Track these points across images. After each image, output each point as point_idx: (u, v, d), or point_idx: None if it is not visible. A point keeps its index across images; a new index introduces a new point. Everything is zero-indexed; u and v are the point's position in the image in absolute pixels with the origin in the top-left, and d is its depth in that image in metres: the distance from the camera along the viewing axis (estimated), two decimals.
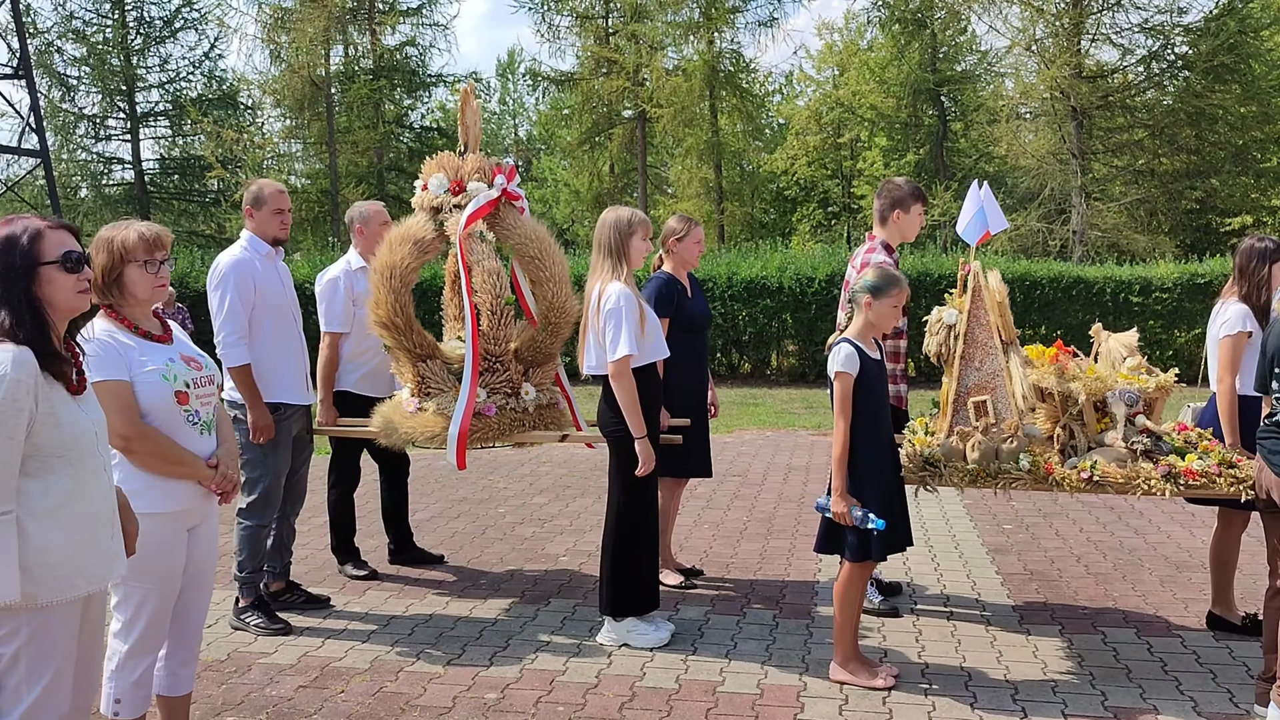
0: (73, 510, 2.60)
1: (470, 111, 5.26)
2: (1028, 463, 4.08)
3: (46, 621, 2.59)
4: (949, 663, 4.44)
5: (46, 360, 2.56)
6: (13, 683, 2.56)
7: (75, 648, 2.68)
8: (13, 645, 2.55)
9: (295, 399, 4.88)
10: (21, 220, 2.64)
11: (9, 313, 2.54)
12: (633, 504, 4.61)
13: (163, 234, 3.30)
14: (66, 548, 2.59)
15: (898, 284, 4.14)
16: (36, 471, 2.55)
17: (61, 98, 26.32)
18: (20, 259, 2.58)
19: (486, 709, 4.03)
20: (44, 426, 2.54)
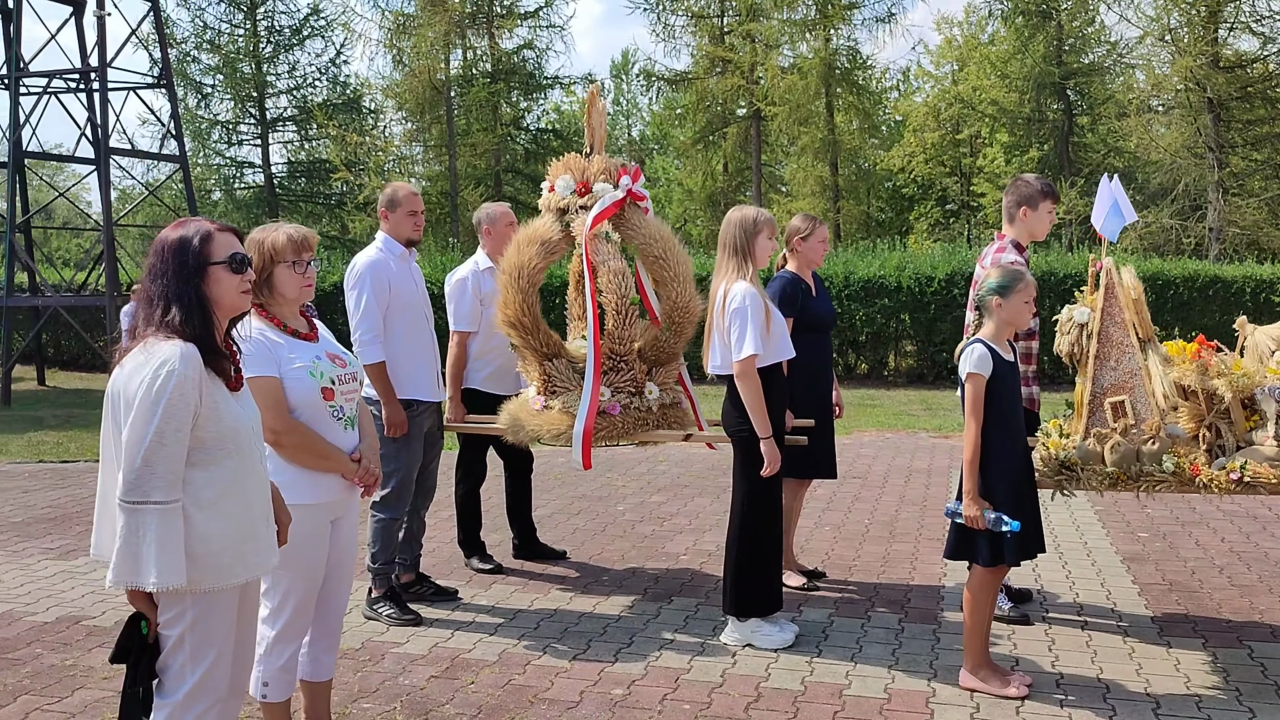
0: (233, 501, 2.72)
1: (596, 113, 5.32)
2: (1172, 464, 3.93)
3: (209, 607, 2.70)
4: (1085, 673, 4.31)
5: (210, 356, 2.67)
6: (177, 664, 2.69)
7: (234, 633, 2.80)
8: (178, 628, 2.68)
9: (427, 396, 5.00)
10: (193, 223, 2.76)
11: (179, 309, 2.66)
12: (757, 505, 4.59)
13: (309, 236, 3.42)
14: (227, 536, 2.70)
15: (1023, 280, 4.04)
16: (200, 463, 2.67)
17: (197, 105, 27.47)
18: (192, 259, 2.70)
19: (613, 704, 4.07)
20: (207, 420, 2.65)
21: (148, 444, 2.54)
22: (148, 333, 2.64)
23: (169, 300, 2.65)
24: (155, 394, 2.55)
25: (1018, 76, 27.14)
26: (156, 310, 2.65)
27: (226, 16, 27.88)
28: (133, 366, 2.60)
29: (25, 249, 17.65)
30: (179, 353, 2.59)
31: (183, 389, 2.57)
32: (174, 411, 2.56)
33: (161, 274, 2.69)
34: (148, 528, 2.54)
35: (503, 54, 27.77)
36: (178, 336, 2.62)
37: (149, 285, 2.69)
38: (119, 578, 2.56)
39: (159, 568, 2.54)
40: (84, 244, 34.61)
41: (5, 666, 4.52)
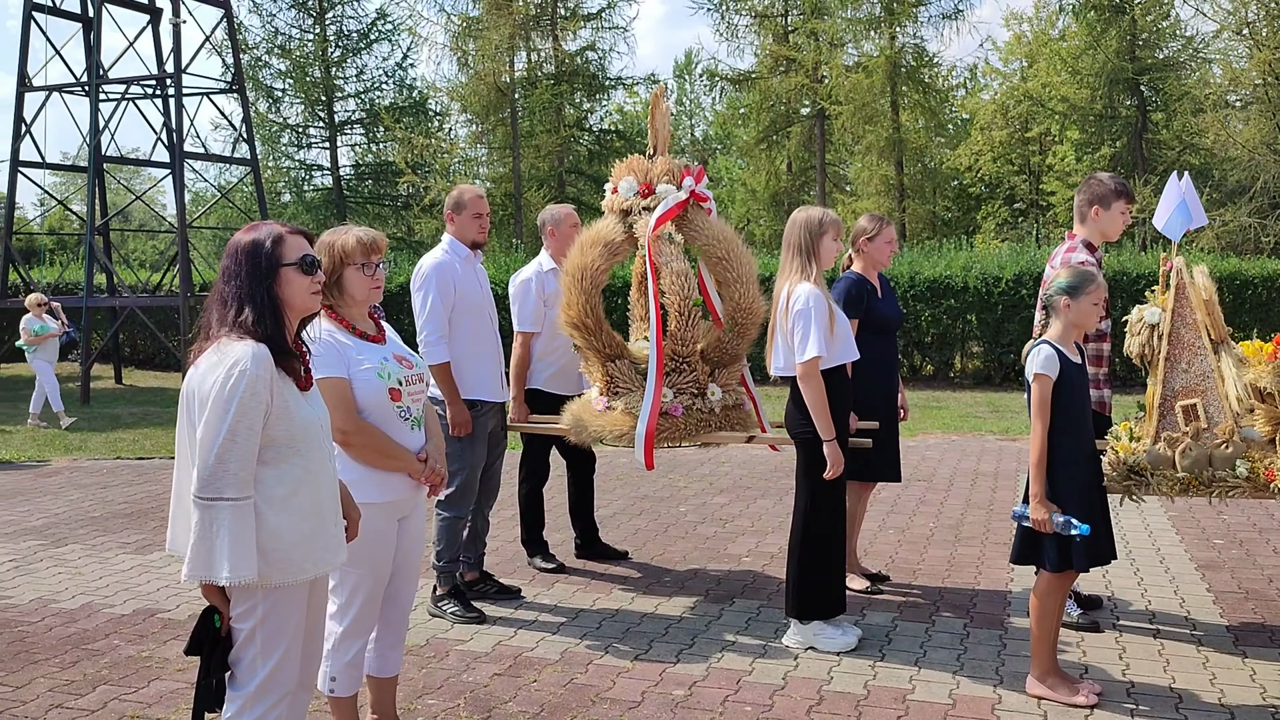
0: (302, 498, 2.77)
1: (660, 114, 5.33)
2: (1245, 469, 3.84)
3: (279, 602, 2.76)
4: (1157, 683, 4.23)
5: (281, 357, 2.73)
6: (249, 657, 2.75)
7: (303, 628, 2.86)
8: (249, 623, 2.74)
9: (491, 396, 5.05)
10: (265, 226, 2.82)
11: (252, 310, 2.72)
12: (820, 507, 4.57)
13: (378, 239, 3.48)
14: (297, 533, 2.76)
15: (1093, 281, 3.97)
16: (271, 461, 2.72)
17: (268, 109, 27.97)
18: (264, 261, 2.76)
19: (674, 705, 4.08)
20: (277, 419, 2.71)
21: (221, 442, 2.60)
22: (221, 333, 2.70)
23: (242, 301, 2.71)
24: (228, 393, 2.61)
25: (1089, 72, 26.61)
26: (230, 311, 2.71)
27: (296, 22, 28.35)
28: (207, 366, 2.67)
29: (104, 251, 18.13)
30: (251, 353, 2.65)
31: (255, 388, 2.63)
32: (246, 410, 2.62)
33: (235, 275, 2.75)
34: (221, 523, 2.60)
35: (566, 56, 27.90)
36: (250, 337, 2.68)
37: (223, 287, 2.75)
38: (194, 572, 2.62)
39: (231, 563, 2.60)
40: (159, 245, 35.46)
41: (85, 657, 4.65)
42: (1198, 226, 4.31)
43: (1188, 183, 4.31)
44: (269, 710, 2.77)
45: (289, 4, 28.10)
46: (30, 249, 29.36)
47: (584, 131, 29.74)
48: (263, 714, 2.76)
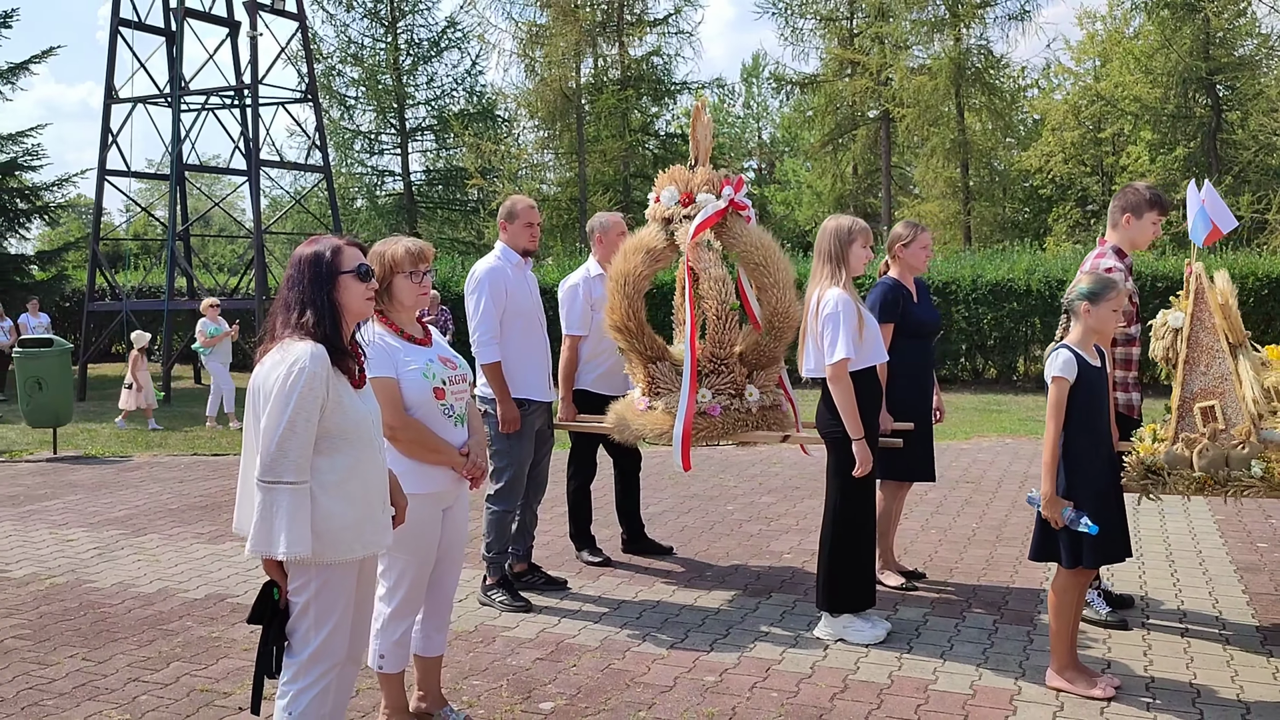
0: (353, 485, 3.06)
1: (701, 126, 5.54)
2: (1260, 469, 3.94)
3: (330, 578, 3.05)
4: (1177, 678, 4.33)
5: (337, 356, 3.02)
6: (303, 628, 3.04)
7: (352, 604, 3.14)
8: (304, 596, 3.03)
9: (538, 396, 5.30)
10: (325, 239, 3.13)
11: (313, 313, 3.02)
12: (849, 504, 4.75)
13: (426, 248, 3.76)
14: (347, 516, 3.04)
15: (1114, 288, 4.09)
16: (325, 450, 3.01)
17: (341, 116, 28.73)
18: (325, 269, 3.06)
19: (704, 690, 4.29)
20: (332, 412, 3.00)
21: (281, 431, 2.89)
22: (285, 334, 3.00)
23: (304, 305, 3.01)
24: (289, 388, 2.90)
25: (1162, 72, 26.19)
26: (293, 314, 3.01)
27: (369, 31, 29.08)
28: (270, 364, 2.97)
29: (184, 256, 18.84)
30: (310, 352, 2.94)
31: (312, 384, 2.92)
32: (304, 404, 2.91)
33: (298, 283, 3.05)
34: (280, 505, 2.89)
35: (632, 61, 28.20)
36: (310, 338, 2.97)
37: (287, 293, 3.05)
38: (255, 547, 2.92)
39: (288, 539, 2.89)
40: (238, 250, 36.55)
41: (160, 636, 5.01)
42: (1228, 229, 4.39)
43: (1209, 189, 4.40)
44: (321, 677, 3.06)
45: (362, 14, 28.86)
46: (116, 254, 30.45)
47: (650, 136, 30.02)
48: (315, 679, 3.05)
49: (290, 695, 3.05)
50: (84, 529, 7.23)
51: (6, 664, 4.67)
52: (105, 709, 4.18)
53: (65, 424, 10.80)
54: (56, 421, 10.52)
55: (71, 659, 4.72)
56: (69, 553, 6.58)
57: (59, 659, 4.72)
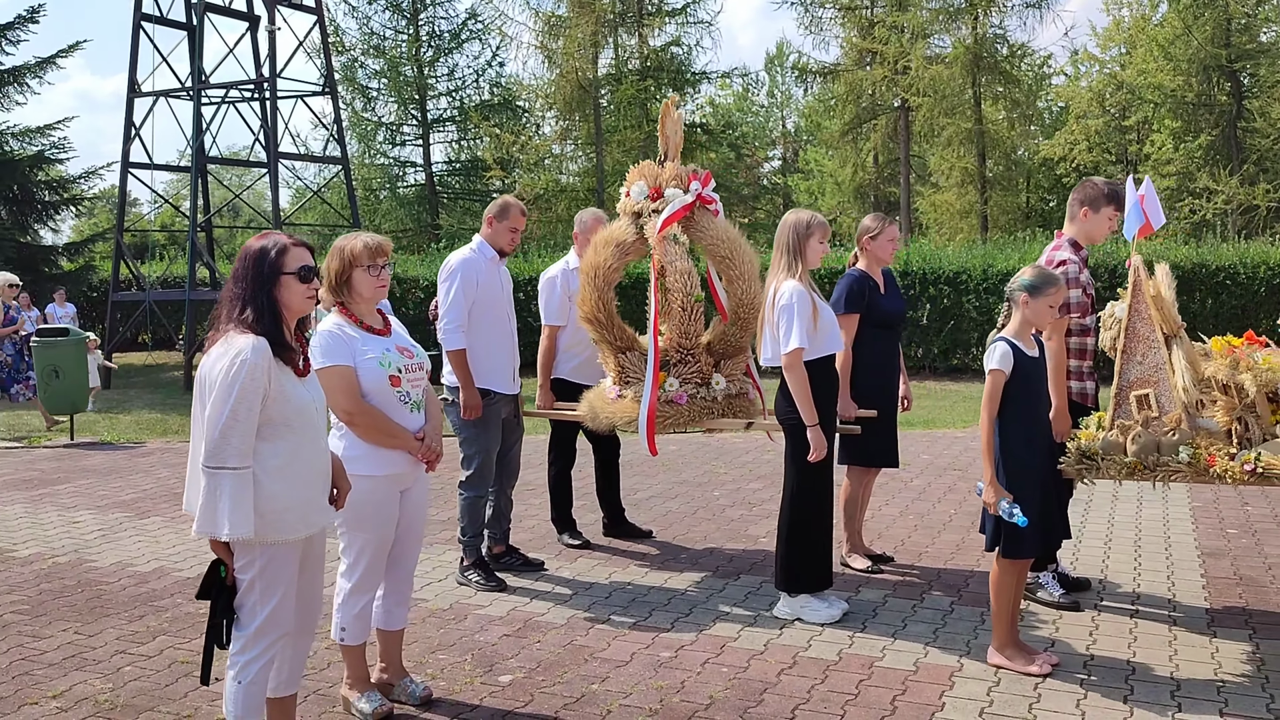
0: (295, 469, 3.26)
1: (671, 123, 5.71)
2: (1188, 455, 4.08)
3: (274, 556, 3.26)
4: (1116, 657, 4.48)
5: (278, 349, 3.22)
6: (250, 602, 3.26)
7: (297, 579, 3.35)
8: (250, 573, 3.25)
9: (502, 388, 5.49)
10: (274, 236, 3.33)
11: (253, 310, 3.22)
12: (806, 488, 4.92)
13: (384, 243, 3.96)
14: (290, 498, 3.25)
15: (1054, 284, 4.23)
16: (269, 437, 3.22)
17: (363, 108, 29.04)
18: (269, 268, 3.26)
19: (658, 665, 4.48)
20: (275, 401, 3.20)
21: (225, 420, 3.10)
22: (228, 328, 3.20)
23: (245, 302, 3.21)
24: (231, 379, 3.10)
25: (1184, 59, 26.00)
26: (236, 309, 3.21)
27: (391, 23, 29.36)
28: (215, 355, 3.18)
29: (206, 247, 19.20)
30: (251, 344, 3.14)
31: (254, 375, 3.12)
32: (246, 394, 3.11)
33: (242, 278, 3.25)
34: (224, 489, 3.11)
35: (651, 52, 28.31)
36: (251, 332, 3.17)
37: (232, 286, 3.25)
38: (201, 528, 3.14)
39: (232, 521, 3.11)
40: None
41: (150, 612, 5.26)
42: (1159, 226, 4.52)
43: (1147, 186, 4.52)
44: (268, 648, 3.29)
45: (384, 6, 29.12)
46: (143, 245, 30.95)
47: None
48: (262, 650, 3.28)
49: (240, 665, 3.27)
50: (91, 511, 7.51)
51: (3, 636, 4.94)
52: (90, 678, 4.43)
53: (81, 411, 11.11)
54: (73, 409, 10.84)
55: (64, 632, 4.98)
56: (74, 534, 6.86)
57: (53, 632, 4.98)
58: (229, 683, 3.29)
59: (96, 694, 4.26)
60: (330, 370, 3.78)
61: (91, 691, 4.29)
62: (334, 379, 3.78)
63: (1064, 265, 4.96)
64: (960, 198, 26.17)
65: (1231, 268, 15.12)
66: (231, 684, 3.28)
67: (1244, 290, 14.95)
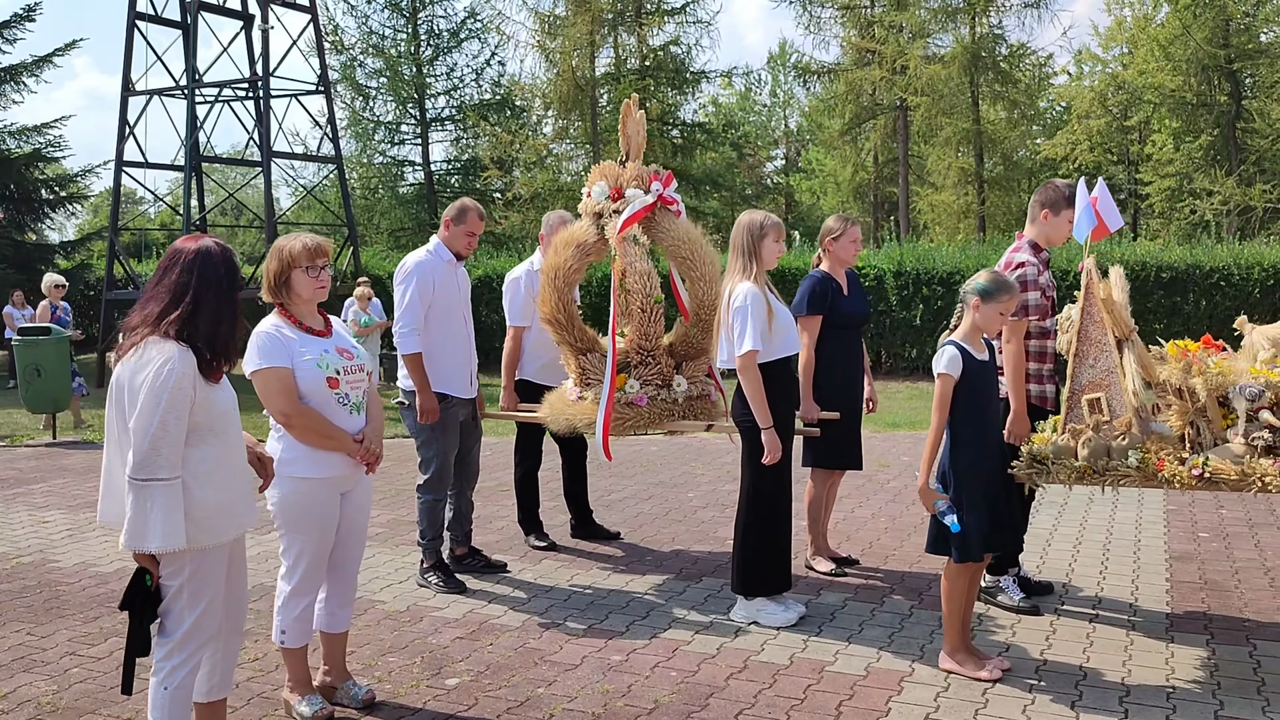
0: (221, 473, 3.24)
1: (632, 123, 5.68)
2: (1137, 459, 4.04)
3: (204, 561, 3.24)
4: (1070, 662, 4.44)
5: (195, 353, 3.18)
6: (177, 608, 3.24)
7: (224, 582, 3.33)
8: (178, 580, 3.22)
9: (459, 392, 5.45)
10: (206, 239, 3.29)
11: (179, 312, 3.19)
12: (762, 491, 4.89)
13: (323, 243, 3.93)
14: (218, 502, 3.23)
15: (1008, 291, 4.19)
16: (194, 443, 3.19)
17: (362, 107, 29.05)
18: (196, 276, 3.23)
19: (608, 669, 4.45)
20: (199, 407, 3.18)
21: (154, 431, 3.06)
22: (148, 332, 3.15)
23: (162, 302, 3.17)
24: (159, 388, 3.07)
25: (1182, 59, 25.91)
26: (152, 309, 3.17)
27: (390, 22, 29.35)
28: (136, 363, 3.12)
29: None
30: (177, 352, 3.11)
31: (181, 384, 3.09)
32: (175, 402, 3.08)
33: (163, 279, 3.21)
34: (155, 500, 3.07)
35: (650, 51, 28.28)
36: (175, 339, 3.14)
37: (154, 289, 3.21)
38: (130, 542, 3.11)
39: (164, 533, 3.08)
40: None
41: (106, 613, 5.24)
42: (1115, 229, 4.47)
43: (1101, 188, 4.48)
44: (195, 653, 3.27)
45: (382, 5, 29.10)
46: (140, 243, 30.98)
47: (671, 125, 30.06)
48: (189, 656, 3.26)
49: (166, 671, 3.25)
50: (61, 511, 7.50)
51: None
52: (37, 680, 4.41)
53: (63, 410, 11.10)
54: (55, 407, 10.84)
55: (17, 634, 4.97)
56: (41, 534, 6.85)
57: (5, 634, 4.97)
58: (154, 689, 3.27)
59: (39, 696, 4.25)
60: (267, 372, 3.76)
61: (35, 694, 4.27)
62: (271, 380, 3.75)
63: (1022, 268, 4.92)
64: (958, 198, 26.10)
65: (1225, 269, 15.08)
66: (157, 690, 3.26)
67: (1238, 291, 14.89)
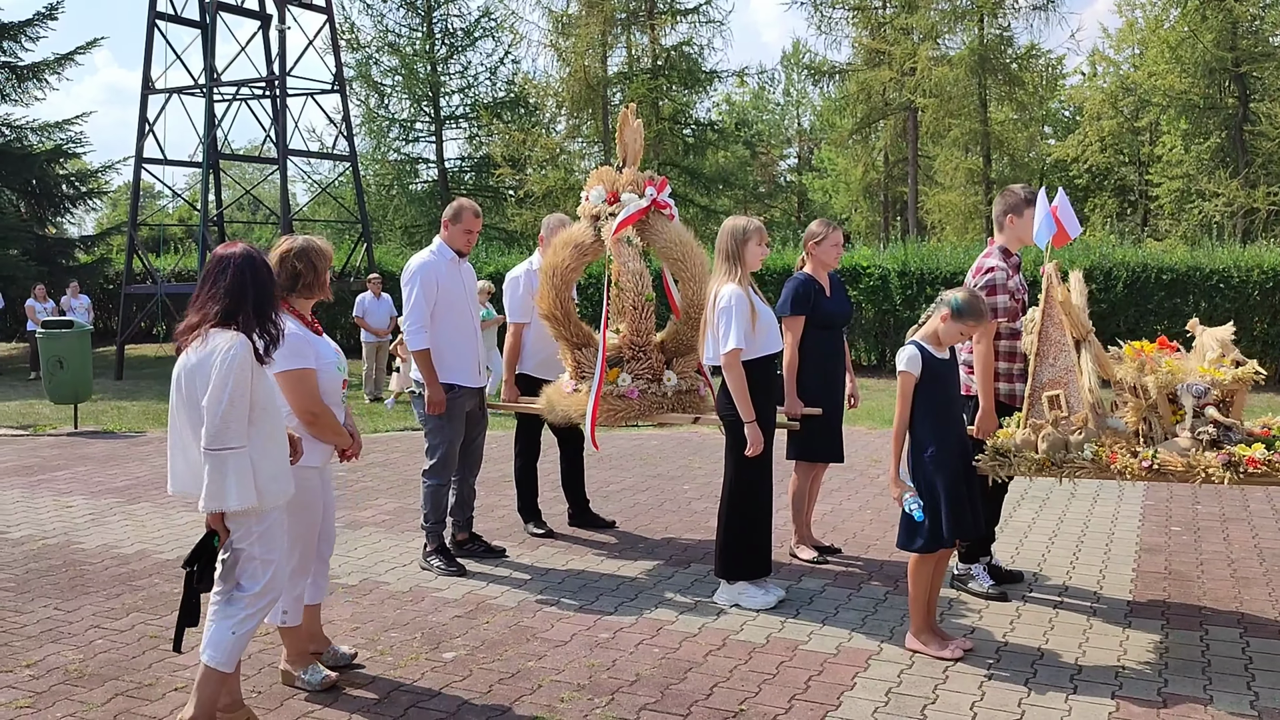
0: (271, 446, 3.68)
1: (629, 131, 5.98)
2: (1091, 453, 4.32)
3: (270, 524, 3.69)
4: (1029, 644, 4.72)
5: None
6: (251, 568, 3.69)
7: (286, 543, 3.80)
8: (247, 542, 3.66)
9: (466, 382, 5.77)
10: (242, 245, 3.68)
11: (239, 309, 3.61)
12: (744, 481, 5.18)
13: (325, 248, 4.27)
14: (272, 470, 3.65)
15: (977, 318, 4.43)
16: (252, 420, 3.59)
17: (377, 105, 29.43)
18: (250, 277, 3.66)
19: (596, 644, 4.76)
20: (255, 389, 3.59)
21: (224, 407, 3.49)
22: (209, 326, 3.57)
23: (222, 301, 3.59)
24: (225, 371, 3.49)
25: (1190, 61, 26.04)
26: (213, 308, 3.60)
27: (405, 20, 29.73)
28: (202, 351, 3.54)
29: (218, 241, 19.61)
30: (239, 340, 3.55)
31: (243, 366, 3.51)
32: (239, 382, 3.51)
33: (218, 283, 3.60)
34: (229, 466, 3.51)
35: (663, 50, 28.54)
36: (234, 328, 3.57)
37: (209, 290, 3.60)
38: (209, 503, 3.55)
39: (239, 494, 3.53)
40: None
41: (127, 591, 5.58)
42: (1075, 235, 4.74)
43: (1061, 197, 4.75)
44: (264, 607, 3.75)
45: (398, 3, 29.48)
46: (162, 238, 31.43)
47: (683, 125, 30.32)
48: (260, 609, 3.74)
49: (238, 619, 3.67)
50: (84, 497, 7.85)
51: None
52: (64, 650, 4.74)
53: (85, 400, 11.47)
54: (76, 398, 11.20)
55: (45, 609, 5.30)
56: (65, 517, 7.20)
57: (34, 608, 5.30)
58: (220, 630, 3.67)
59: (67, 664, 4.57)
60: (299, 372, 4.06)
61: (63, 662, 4.60)
62: (301, 381, 4.07)
63: (991, 272, 5.19)
64: (965, 198, 26.29)
65: (1225, 271, 15.25)
66: (224, 633, 3.66)
67: (1237, 294, 15.06)
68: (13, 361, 19.96)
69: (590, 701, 4.16)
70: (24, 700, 4.20)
